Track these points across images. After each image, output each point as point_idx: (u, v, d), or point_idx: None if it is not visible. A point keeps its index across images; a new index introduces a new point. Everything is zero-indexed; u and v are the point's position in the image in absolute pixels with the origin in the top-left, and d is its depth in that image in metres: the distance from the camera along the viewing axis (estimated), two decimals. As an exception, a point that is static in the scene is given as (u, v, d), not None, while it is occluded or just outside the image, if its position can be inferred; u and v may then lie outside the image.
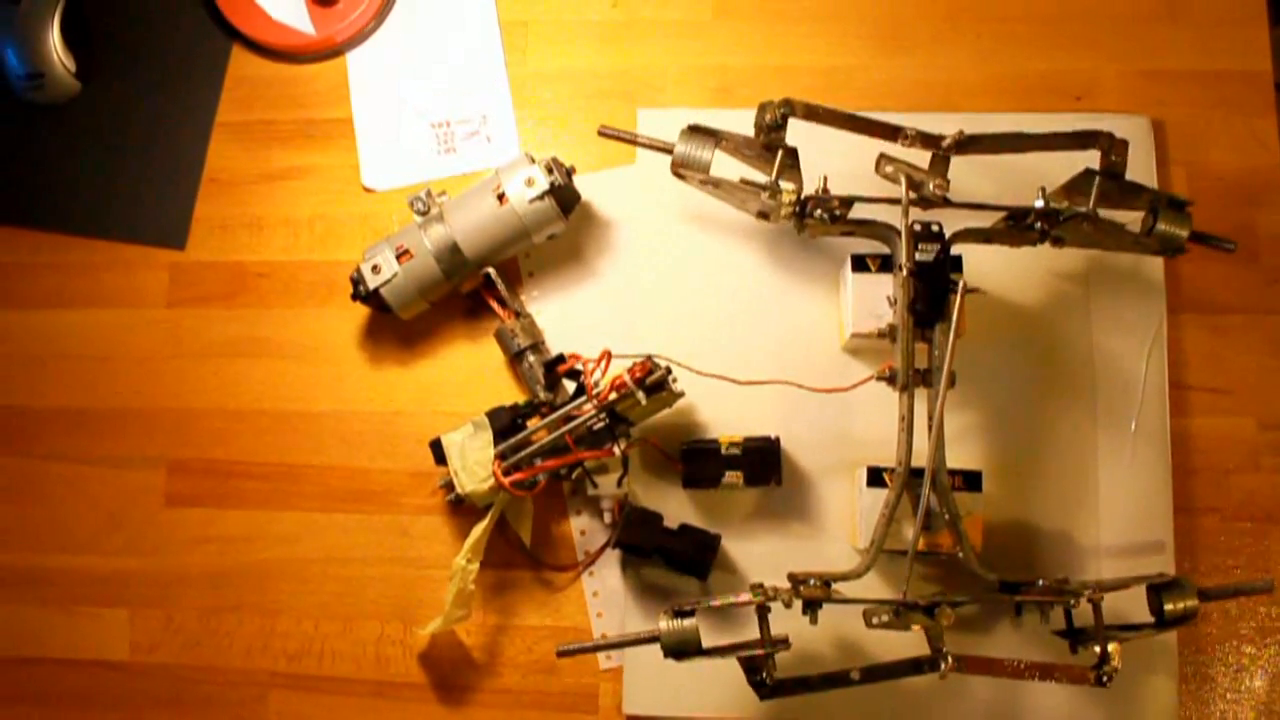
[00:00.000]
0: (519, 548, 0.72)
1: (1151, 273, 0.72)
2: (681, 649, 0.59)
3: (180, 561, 0.74)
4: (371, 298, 0.71)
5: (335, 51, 0.80)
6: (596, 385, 0.66)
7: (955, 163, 0.66)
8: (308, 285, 0.77)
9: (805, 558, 0.69)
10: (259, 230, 0.78)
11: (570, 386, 0.69)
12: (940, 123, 0.66)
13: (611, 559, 0.71)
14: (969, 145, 0.65)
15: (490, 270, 0.72)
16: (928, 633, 0.61)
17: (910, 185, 0.64)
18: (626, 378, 0.65)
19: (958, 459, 0.66)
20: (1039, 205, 0.65)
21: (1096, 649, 0.61)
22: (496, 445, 0.67)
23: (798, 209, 0.65)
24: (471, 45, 0.79)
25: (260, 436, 0.75)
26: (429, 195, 0.72)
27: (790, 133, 0.65)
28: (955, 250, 0.65)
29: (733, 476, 0.67)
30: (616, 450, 0.66)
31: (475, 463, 0.67)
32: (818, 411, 0.70)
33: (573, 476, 0.69)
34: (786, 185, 0.64)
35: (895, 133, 0.65)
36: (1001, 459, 0.70)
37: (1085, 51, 0.76)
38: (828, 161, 0.66)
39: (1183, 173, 0.74)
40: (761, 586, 0.60)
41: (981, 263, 0.68)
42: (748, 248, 0.74)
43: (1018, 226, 0.66)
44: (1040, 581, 0.64)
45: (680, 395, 0.67)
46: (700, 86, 0.77)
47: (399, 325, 0.75)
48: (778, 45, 0.78)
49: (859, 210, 0.66)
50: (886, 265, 0.67)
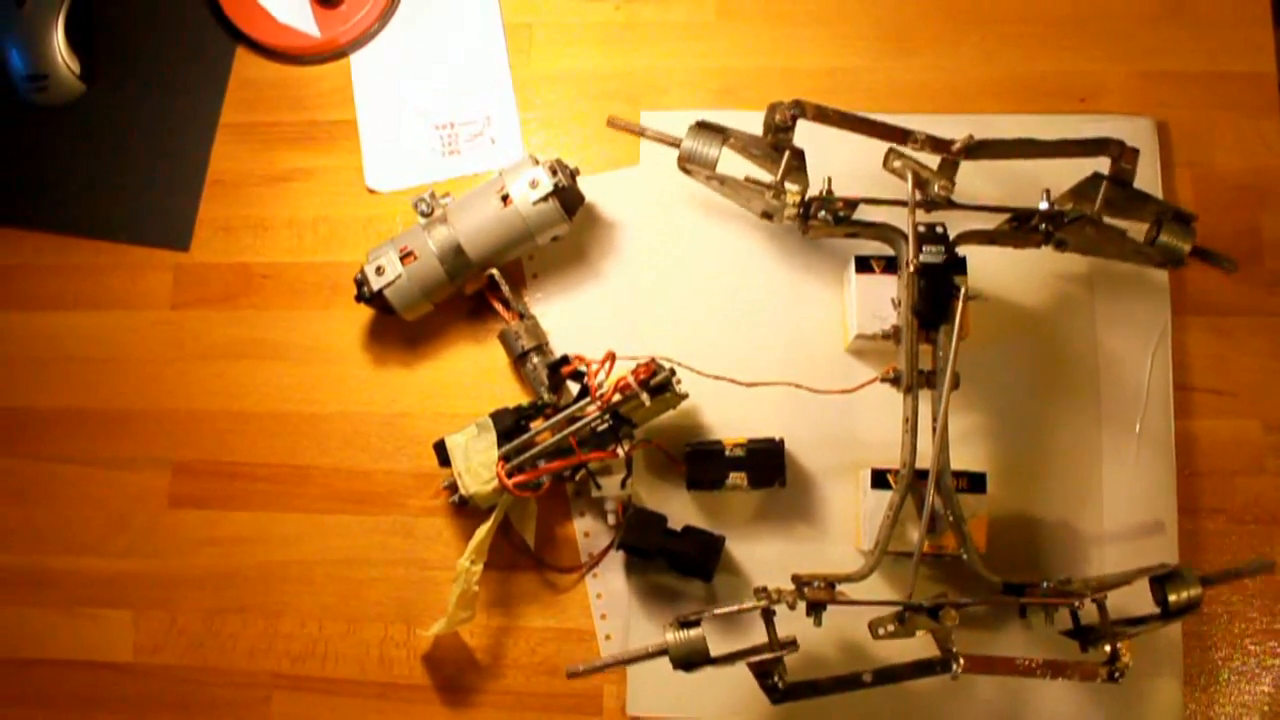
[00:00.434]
0: (523, 549, 0.72)
1: (1156, 275, 0.72)
2: (691, 660, 0.59)
3: (184, 563, 0.74)
4: (375, 299, 0.71)
5: (339, 53, 0.80)
6: (600, 387, 0.66)
7: (963, 164, 0.66)
8: (312, 287, 0.77)
9: (809, 559, 0.69)
10: (263, 232, 0.78)
11: (574, 388, 0.69)
12: (943, 124, 0.66)
13: (615, 561, 0.71)
14: (979, 150, 0.65)
15: (494, 272, 0.72)
16: (935, 635, 0.61)
17: (916, 183, 0.64)
18: (630, 379, 0.65)
19: (962, 461, 0.66)
20: (1043, 207, 0.65)
21: (1107, 648, 0.61)
22: (500, 447, 0.67)
23: (802, 210, 0.65)
24: (475, 47, 0.79)
25: (264, 438, 0.75)
26: (433, 197, 0.72)
27: (796, 133, 0.65)
28: (959, 252, 0.65)
29: (737, 478, 0.67)
30: (620, 452, 0.66)
31: (479, 464, 0.67)
32: (822, 413, 0.70)
33: (576, 478, 0.69)
34: (791, 186, 0.64)
35: (905, 136, 0.65)
36: (1006, 461, 0.70)
37: (1089, 53, 0.76)
38: (832, 163, 0.66)
39: (1187, 174, 0.74)
40: (765, 590, 0.60)
41: (986, 265, 0.68)
42: (752, 249, 0.74)
43: (1022, 228, 0.66)
44: (1045, 583, 0.64)
45: (684, 397, 0.67)
46: (703, 88, 0.77)
47: (403, 327, 0.75)
48: (781, 47, 0.78)
49: (863, 212, 0.66)
50: (890, 267, 0.67)
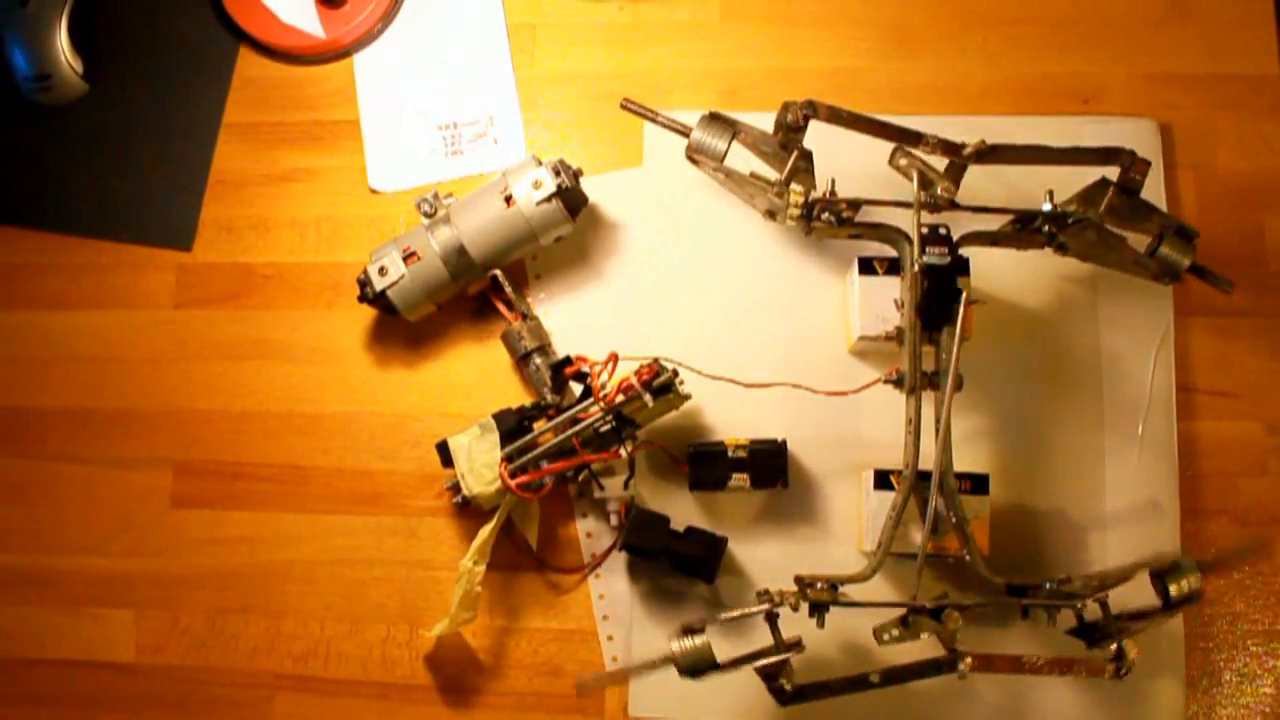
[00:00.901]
0: (525, 550, 0.72)
1: (1159, 276, 0.72)
2: (697, 668, 0.59)
3: (186, 563, 0.74)
4: (378, 300, 0.71)
5: (342, 53, 0.80)
6: (603, 387, 0.66)
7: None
8: (314, 287, 0.77)
9: (812, 560, 0.69)
10: (265, 232, 0.78)
11: (577, 389, 0.69)
12: (947, 126, 0.66)
13: (618, 561, 0.71)
14: (989, 155, 0.64)
15: (497, 272, 0.72)
16: (940, 636, 0.61)
17: (921, 182, 0.64)
18: (633, 380, 0.65)
19: (965, 462, 0.66)
20: (1046, 208, 0.65)
21: (1113, 646, 0.61)
22: (503, 447, 0.67)
23: (805, 211, 0.65)
24: (478, 47, 0.79)
25: (266, 438, 0.75)
26: (436, 197, 0.72)
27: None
28: (963, 253, 0.64)
29: (739, 479, 0.67)
30: (623, 452, 0.66)
31: (482, 465, 0.67)
32: (824, 414, 0.70)
33: (579, 479, 0.69)
34: (796, 187, 0.64)
35: (918, 139, 0.65)
36: (1008, 462, 0.70)
37: (1093, 55, 0.76)
38: (835, 164, 0.66)
39: (1190, 176, 0.74)
40: (767, 593, 0.60)
41: (989, 266, 0.68)
42: (755, 250, 0.74)
43: (1025, 230, 0.66)
44: (1047, 584, 0.64)
45: (687, 397, 0.67)
46: (707, 89, 0.77)
47: (406, 327, 0.75)
48: (785, 48, 0.78)
49: (866, 213, 0.66)
50: (894, 268, 0.67)
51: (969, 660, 0.59)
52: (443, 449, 0.69)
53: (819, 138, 0.65)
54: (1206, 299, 0.72)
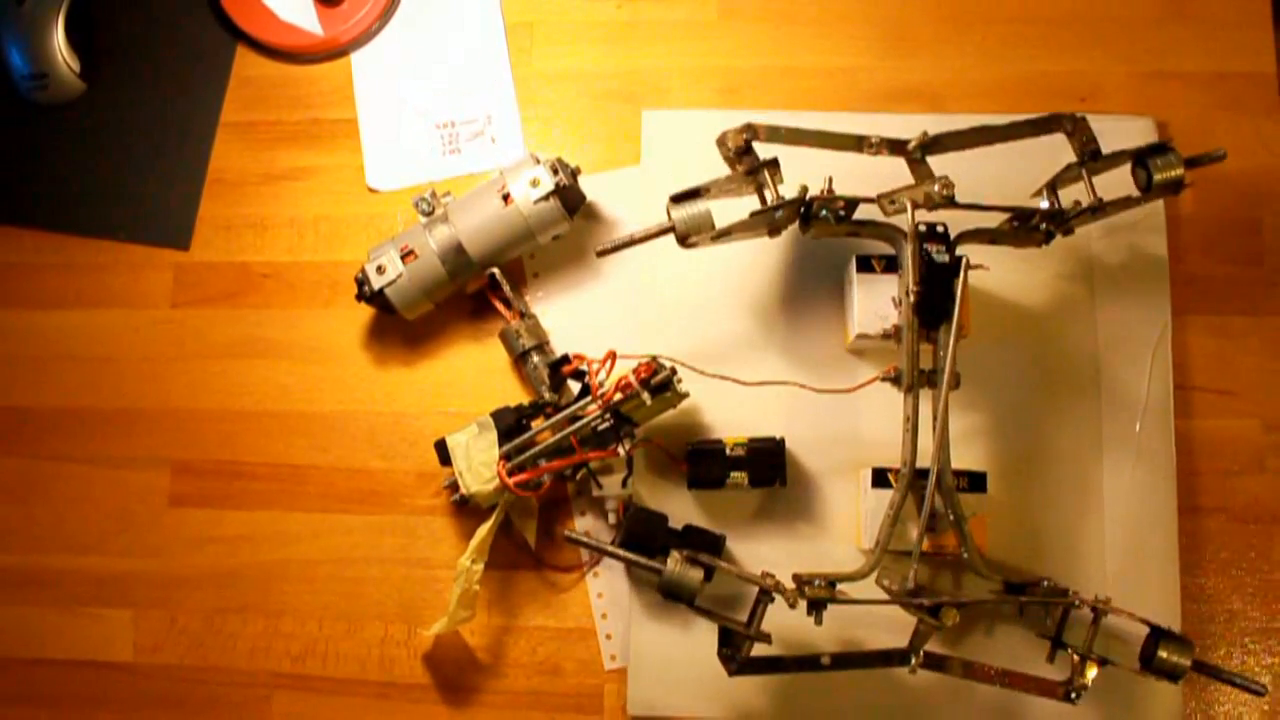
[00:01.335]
0: (523, 548, 0.72)
1: (1156, 274, 0.72)
2: (677, 592, 0.60)
3: (184, 562, 0.74)
4: (376, 298, 0.71)
5: (340, 52, 0.80)
6: (601, 386, 0.66)
7: (960, 164, 0.66)
8: (312, 286, 0.77)
9: (810, 558, 0.69)
10: (263, 231, 0.78)
11: (575, 387, 0.69)
12: (944, 124, 0.66)
13: (616, 560, 0.71)
14: (934, 145, 0.65)
15: (495, 271, 0.72)
16: (918, 628, 0.61)
17: (915, 207, 0.63)
18: (631, 378, 0.65)
19: (962, 460, 0.66)
20: (1044, 206, 0.65)
21: (1075, 658, 0.61)
22: (501, 446, 0.67)
23: (803, 210, 0.65)
24: (476, 46, 0.79)
25: (264, 437, 0.75)
26: (434, 196, 0.72)
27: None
28: (960, 251, 0.65)
29: (737, 477, 0.67)
30: (621, 451, 0.66)
31: (480, 463, 0.67)
32: (822, 412, 0.70)
33: (577, 477, 0.69)
34: (787, 194, 0.64)
35: (860, 142, 0.65)
36: (1006, 460, 0.70)
37: (1090, 53, 0.76)
38: (832, 162, 0.66)
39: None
40: (772, 576, 0.61)
41: (986, 263, 0.68)
42: (752, 248, 0.73)
43: (1023, 227, 0.66)
44: (1045, 582, 0.64)
45: (685, 396, 0.67)
46: (705, 87, 0.77)
47: (404, 326, 0.75)
48: (783, 46, 0.78)
49: (864, 211, 0.66)
50: (891, 266, 0.67)
51: (920, 656, 0.61)
52: (441, 447, 0.69)
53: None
54: (1204, 297, 0.72)
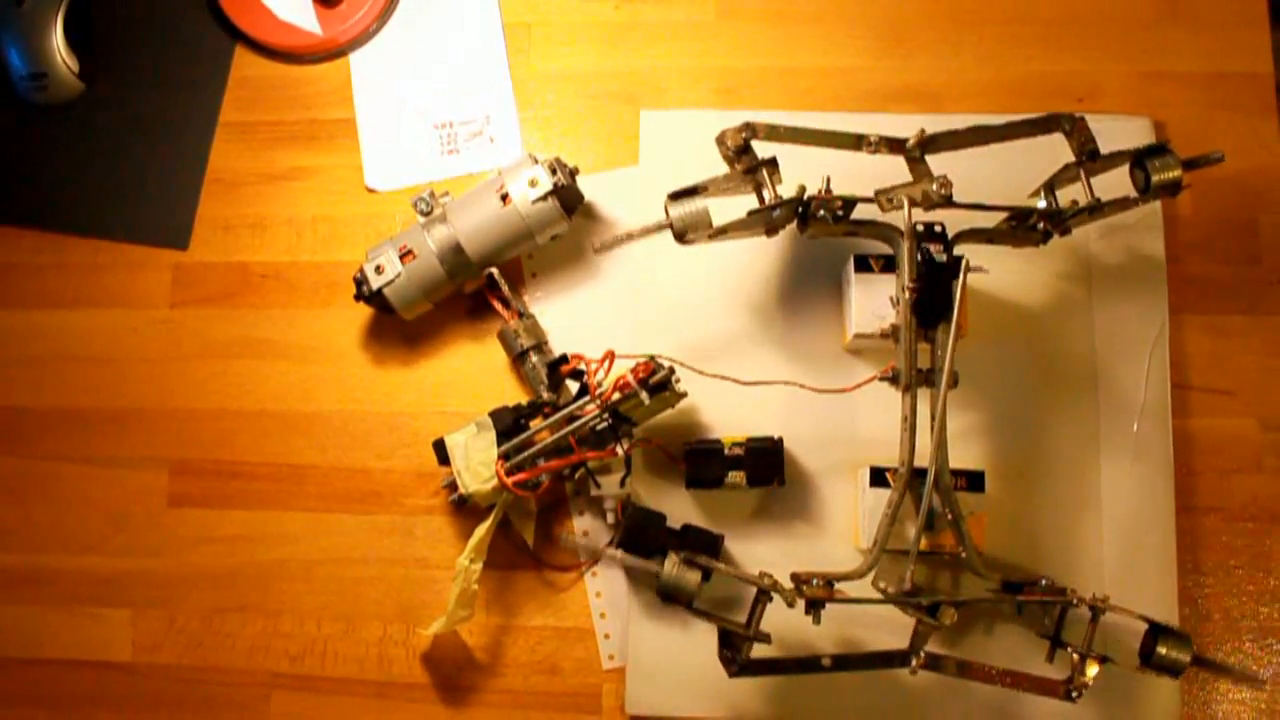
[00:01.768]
0: (522, 548, 0.72)
1: (1154, 273, 0.72)
2: (675, 595, 0.60)
3: (183, 562, 0.74)
4: (375, 298, 0.71)
5: (338, 52, 0.80)
6: (600, 385, 0.66)
7: (959, 163, 0.66)
8: (310, 286, 0.77)
9: (808, 558, 0.69)
10: (262, 231, 0.78)
11: (573, 387, 0.69)
12: (942, 124, 0.66)
13: (614, 559, 0.71)
14: (932, 144, 0.65)
15: (493, 271, 0.72)
16: (917, 628, 0.61)
17: (912, 205, 0.64)
18: (630, 378, 0.65)
19: (960, 459, 0.66)
20: (1041, 205, 0.65)
21: (1075, 656, 0.61)
22: (500, 445, 0.67)
23: (801, 210, 0.65)
24: (474, 46, 0.79)
25: (263, 437, 0.75)
26: (432, 196, 0.72)
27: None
28: (958, 250, 0.65)
29: (735, 477, 0.67)
30: (619, 450, 0.66)
31: (478, 463, 0.67)
32: (820, 412, 0.70)
33: (575, 477, 0.69)
34: (785, 194, 0.64)
35: (859, 141, 0.65)
36: (1004, 459, 0.70)
37: (1088, 53, 0.76)
38: (831, 162, 0.66)
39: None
40: (770, 576, 0.61)
41: (984, 263, 0.68)
42: (751, 248, 0.74)
43: (1020, 227, 0.66)
44: (1043, 581, 0.64)
45: (683, 395, 0.67)
46: (703, 88, 0.77)
47: (402, 326, 0.75)
48: (781, 47, 0.78)
49: (862, 211, 0.66)
50: (889, 266, 0.67)
51: (921, 657, 0.61)
52: (439, 447, 0.69)
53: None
54: (1201, 296, 0.72)
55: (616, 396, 0.66)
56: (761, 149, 0.64)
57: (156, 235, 0.79)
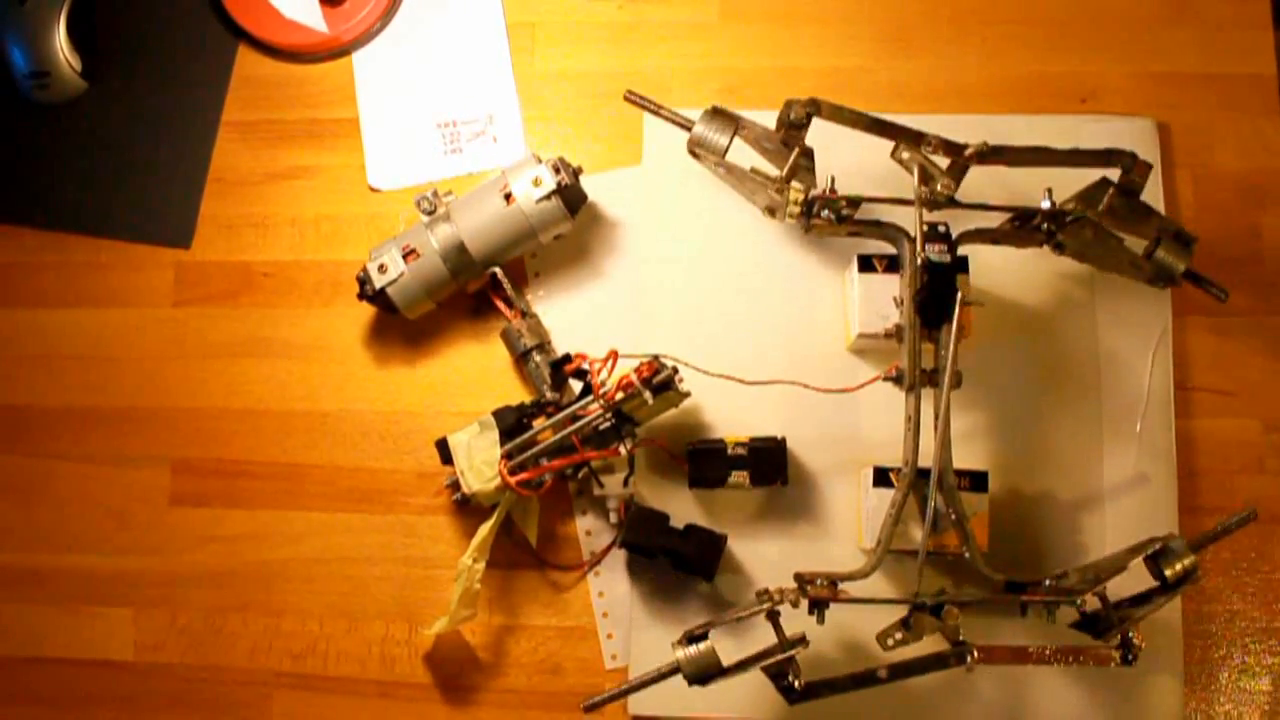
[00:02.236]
0: (525, 548, 0.72)
1: (1157, 274, 0.72)
2: (704, 675, 0.59)
3: (185, 561, 0.74)
4: (378, 297, 0.71)
5: (341, 51, 0.80)
6: (603, 385, 0.66)
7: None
8: (313, 285, 0.77)
9: (811, 558, 0.69)
10: (265, 230, 0.78)
11: (577, 386, 0.69)
12: (945, 125, 0.66)
13: (617, 559, 0.71)
14: (991, 155, 0.64)
15: (497, 270, 0.72)
16: (943, 632, 0.61)
17: (922, 177, 0.64)
18: (633, 377, 0.65)
19: (964, 459, 0.66)
20: (1045, 206, 0.65)
21: (1119, 637, 0.61)
22: (503, 445, 0.67)
23: (805, 208, 0.65)
24: (478, 46, 0.79)
25: (265, 436, 0.75)
26: (435, 195, 0.72)
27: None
28: (962, 251, 0.65)
29: (739, 477, 0.67)
30: (623, 450, 0.66)
31: (481, 462, 0.67)
32: (824, 412, 0.70)
33: (579, 476, 0.69)
34: (796, 184, 0.64)
35: (919, 139, 0.65)
36: (1007, 459, 0.70)
37: (1091, 54, 0.76)
38: (835, 161, 0.66)
39: (1188, 175, 0.74)
40: (767, 592, 0.60)
41: (988, 264, 0.68)
42: (754, 248, 0.74)
43: (1024, 228, 0.66)
44: (1047, 581, 0.64)
45: (687, 395, 0.67)
46: (706, 88, 0.77)
47: (405, 325, 0.75)
48: (783, 47, 0.78)
49: (866, 211, 0.66)
50: (893, 266, 0.67)
51: (976, 653, 0.59)
52: (442, 446, 0.69)
53: (818, 135, 0.65)
54: (1204, 298, 0.72)
55: (620, 396, 0.66)
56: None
57: (159, 234, 0.78)
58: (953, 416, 0.62)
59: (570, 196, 0.71)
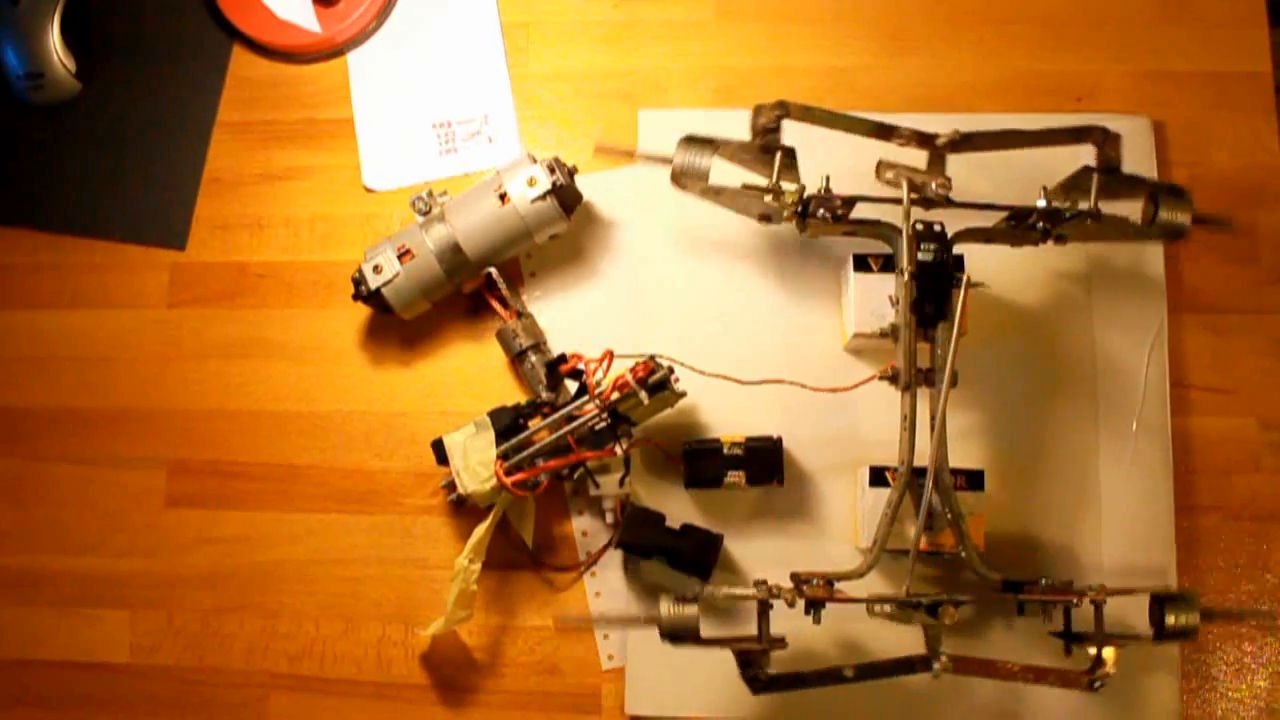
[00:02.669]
0: (521, 548, 0.72)
1: (1153, 272, 0.72)
2: (680, 634, 0.59)
3: (181, 562, 0.74)
4: (373, 298, 0.71)
5: (336, 51, 0.80)
6: (599, 385, 0.66)
7: (956, 163, 0.66)
8: (309, 285, 0.77)
9: (807, 557, 0.69)
10: (260, 230, 0.78)
11: (572, 386, 0.69)
12: (942, 124, 0.66)
13: (613, 559, 0.71)
14: (964, 143, 0.65)
15: (492, 270, 0.72)
16: (926, 632, 0.61)
17: (911, 188, 0.64)
18: (629, 377, 0.65)
19: (960, 458, 0.66)
20: (1041, 205, 0.65)
21: (1092, 651, 0.61)
22: (498, 445, 0.67)
23: (800, 209, 0.65)
24: (473, 45, 0.79)
25: (261, 437, 0.75)
26: (430, 195, 0.72)
27: (791, 133, 0.65)
28: (957, 250, 0.65)
29: (735, 476, 0.67)
30: (618, 450, 0.66)
31: (477, 463, 0.67)
32: (820, 411, 0.70)
33: (575, 476, 0.69)
34: (788, 186, 0.64)
35: (890, 132, 0.65)
36: (1003, 458, 0.70)
37: (1086, 53, 0.76)
38: (829, 161, 0.66)
39: (1184, 174, 0.74)
40: (765, 583, 0.60)
41: (983, 262, 0.68)
42: (750, 248, 0.74)
43: (1020, 226, 0.66)
44: (1043, 580, 0.64)
45: (682, 395, 0.67)
46: (702, 87, 0.77)
47: (400, 325, 0.75)
48: (779, 46, 0.78)
49: (861, 210, 0.66)
50: (888, 265, 0.67)
51: (943, 660, 0.60)
52: (438, 447, 0.69)
53: (811, 138, 0.65)
54: (1200, 295, 0.73)
55: (615, 396, 0.65)
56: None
57: (154, 235, 0.78)
58: (949, 415, 0.62)
59: (565, 196, 0.71)
